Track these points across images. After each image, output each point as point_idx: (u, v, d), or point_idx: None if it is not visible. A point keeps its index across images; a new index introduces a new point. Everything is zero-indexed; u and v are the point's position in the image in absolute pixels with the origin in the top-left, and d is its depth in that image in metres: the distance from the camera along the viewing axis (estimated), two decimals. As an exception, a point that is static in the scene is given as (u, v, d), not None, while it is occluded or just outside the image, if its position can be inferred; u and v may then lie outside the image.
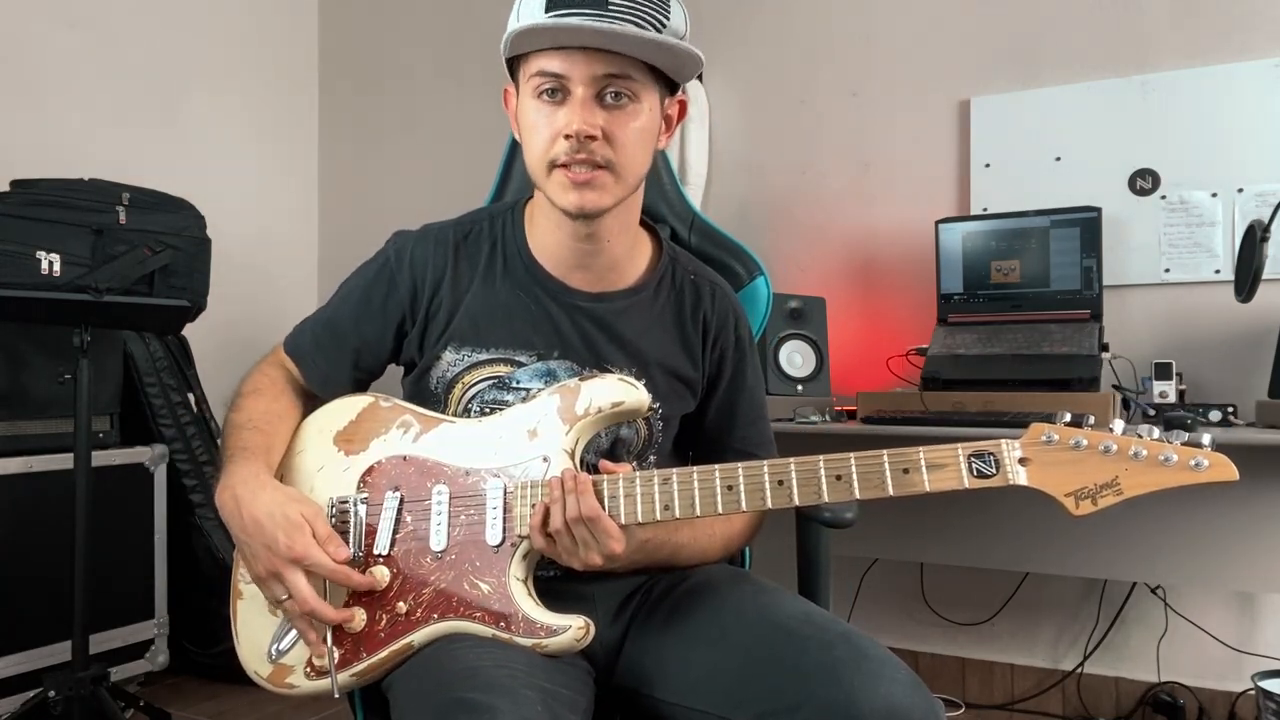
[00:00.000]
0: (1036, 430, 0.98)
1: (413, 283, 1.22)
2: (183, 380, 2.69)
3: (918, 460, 0.99)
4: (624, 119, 1.10)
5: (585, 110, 1.08)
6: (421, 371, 1.23)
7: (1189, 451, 0.95)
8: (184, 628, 2.62)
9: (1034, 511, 2.32)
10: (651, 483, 1.05)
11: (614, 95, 1.09)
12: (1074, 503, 0.97)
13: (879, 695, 0.95)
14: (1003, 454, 0.98)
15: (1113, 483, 0.96)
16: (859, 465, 1.01)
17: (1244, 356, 2.26)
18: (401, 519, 1.11)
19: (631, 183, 1.14)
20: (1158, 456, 0.95)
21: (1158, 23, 2.40)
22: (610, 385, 1.11)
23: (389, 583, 1.09)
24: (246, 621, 1.15)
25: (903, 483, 0.99)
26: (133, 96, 2.97)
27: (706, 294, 1.27)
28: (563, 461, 1.09)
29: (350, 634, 1.08)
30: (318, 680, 1.09)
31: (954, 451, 0.99)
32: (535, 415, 1.12)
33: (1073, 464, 0.97)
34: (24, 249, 2.29)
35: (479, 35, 3.23)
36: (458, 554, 1.08)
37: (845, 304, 2.66)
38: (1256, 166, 2.28)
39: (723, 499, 1.04)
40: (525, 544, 1.07)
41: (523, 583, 1.07)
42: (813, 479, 1.02)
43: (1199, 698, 2.32)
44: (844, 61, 2.74)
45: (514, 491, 1.09)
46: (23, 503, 2.25)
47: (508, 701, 0.92)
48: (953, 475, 0.98)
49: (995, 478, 0.98)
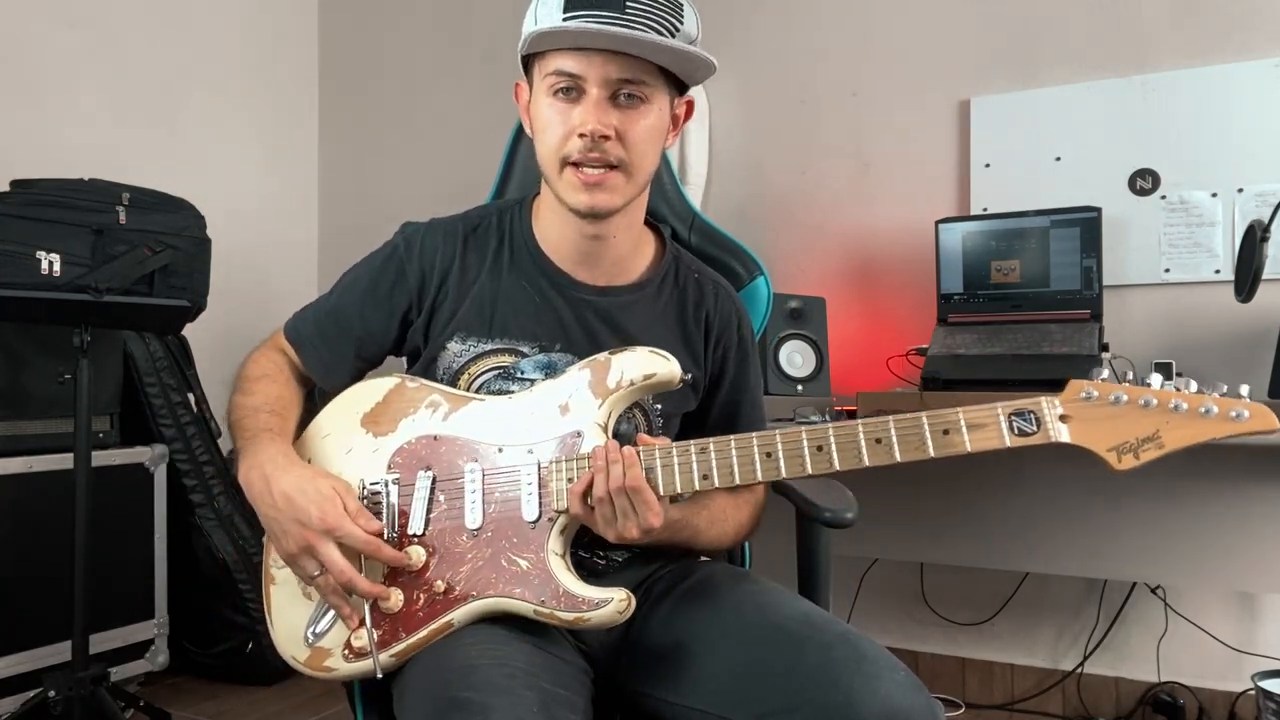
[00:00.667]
0: (1075, 387, 0.98)
1: (421, 272, 1.23)
2: (183, 380, 2.69)
3: (957, 421, 0.98)
4: (636, 118, 1.12)
5: (600, 110, 1.10)
6: (427, 361, 1.23)
7: (1229, 402, 0.94)
8: (184, 628, 2.62)
9: (1034, 512, 2.33)
10: (689, 452, 1.05)
11: (627, 96, 1.11)
12: (1116, 457, 0.96)
13: (878, 696, 0.95)
14: (1043, 411, 0.97)
15: (1154, 436, 0.95)
16: (898, 428, 1.00)
17: (1244, 356, 2.26)
18: (435, 499, 1.11)
19: (641, 182, 1.17)
20: (1199, 408, 0.94)
21: (1158, 23, 2.40)
22: (641, 357, 1.11)
23: (425, 562, 1.08)
24: (281, 607, 1.14)
25: (943, 444, 0.98)
26: (133, 96, 2.97)
27: (710, 293, 1.28)
28: (596, 434, 1.09)
29: (388, 615, 1.08)
30: (357, 662, 1.08)
31: (993, 411, 0.98)
32: (566, 390, 1.13)
33: (1113, 419, 0.96)
34: (24, 249, 2.29)
35: (479, 35, 3.23)
36: (494, 531, 1.08)
37: (845, 304, 2.66)
38: (1256, 166, 2.28)
39: (762, 466, 1.03)
40: (562, 519, 1.07)
41: (561, 558, 1.07)
42: (852, 443, 1.01)
43: (1199, 698, 2.32)
44: (844, 61, 2.74)
45: (548, 466, 1.09)
46: (23, 503, 2.25)
47: (503, 701, 0.92)
48: (993, 434, 0.98)
49: (1037, 435, 0.97)
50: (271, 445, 1.13)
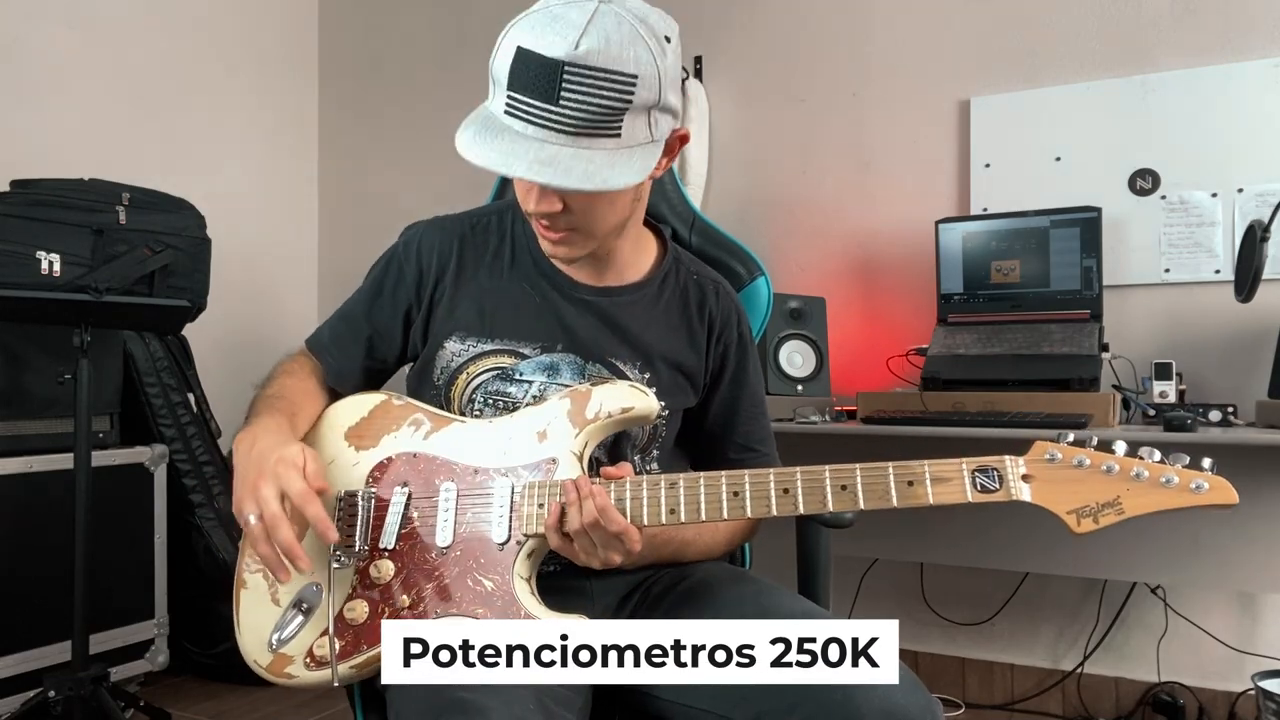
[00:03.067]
0: (1040, 448, 1.00)
1: (418, 269, 1.24)
2: (183, 380, 2.69)
3: (922, 473, 1.00)
4: (584, 201, 1.07)
5: (536, 194, 1.06)
6: (425, 363, 1.24)
7: (1190, 474, 0.96)
8: (184, 628, 2.62)
9: (1034, 512, 2.32)
10: (659, 486, 1.06)
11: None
12: (1076, 520, 0.98)
13: (877, 695, 0.95)
14: (1006, 470, 0.99)
15: (1114, 502, 0.97)
16: (864, 476, 1.01)
17: (1244, 356, 2.26)
18: (408, 515, 1.12)
19: (605, 235, 1.14)
20: (1159, 478, 0.96)
21: (1158, 23, 2.40)
22: (621, 391, 1.12)
23: (392, 576, 1.09)
24: (248, 610, 1.15)
25: (907, 495, 1.00)
26: (133, 96, 2.97)
27: (710, 291, 1.28)
28: (570, 463, 1.10)
29: (353, 625, 1.08)
30: (317, 671, 1.08)
31: (958, 466, 1.00)
32: (545, 417, 1.13)
33: (1075, 482, 0.98)
34: (24, 249, 2.29)
35: (479, 35, 3.23)
36: (463, 550, 1.09)
37: (845, 304, 2.66)
38: (1256, 166, 2.28)
39: (728, 505, 1.04)
40: (530, 543, 1.08)
41: (526, 581, 1.07)
42: (818, 488, 1.02)
43: (1199, 698, 2.32)
44: (844, 61, 2.74)
45: (521, 491, 1.09)
46: (23, 503, 2.26)
47: (500, 700, 0.93)
48: (956, 489, 0.99)
49: (999, 493, 0.99)
50: (270, 419, 1.13)
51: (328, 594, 1.10)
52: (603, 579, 1.19)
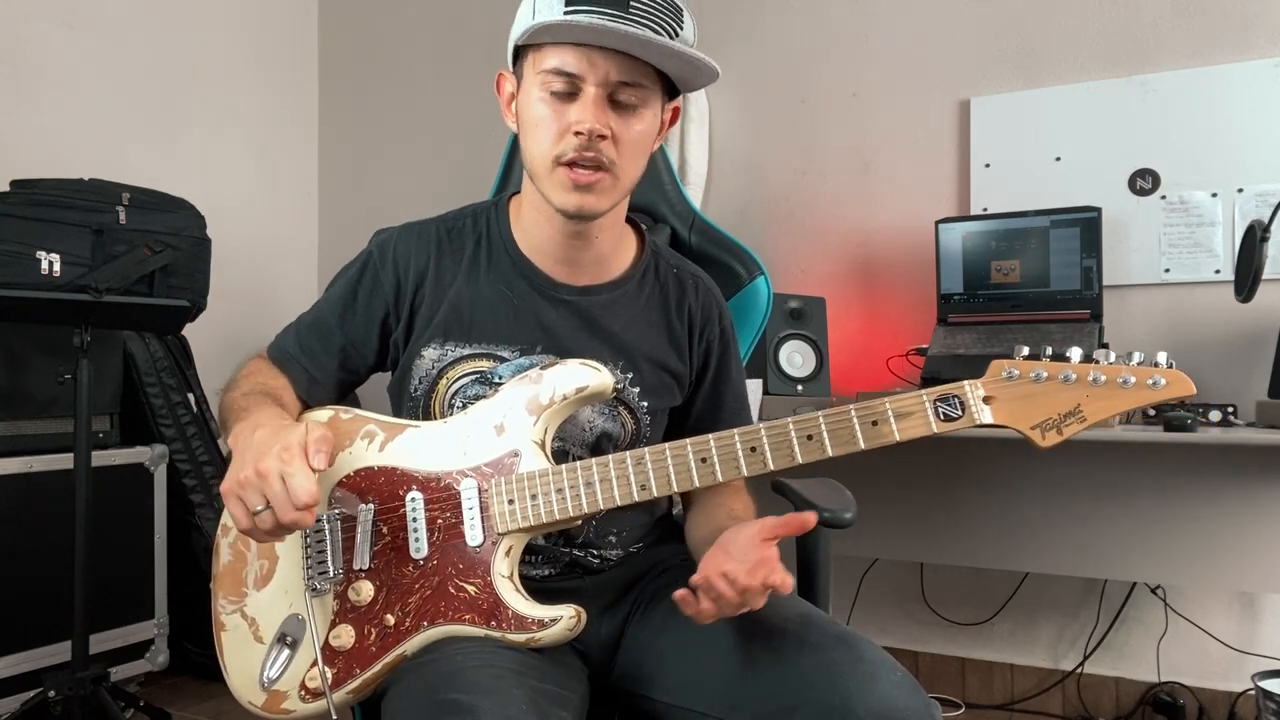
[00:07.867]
0: (997, 367, 0.99)
1: (396, 278, 1.21)
2: (183, 380, 2.69)
3: (885, 411, 0.99)
4: (631, 122, 1.10)
5: (598, 109, 1.08)
6: (404, 372, 1.21)
7: (1146, 371, 0.96)
8: (184, 628, 2.61)
9: (1034, 512, 2.33)
10: (625, 464, 1.05)
11: (624, 99, 1.09)
12: (1040, 434, 0.98)
13: (875, 697, 0.95)
14: (966, 394, 0.98)
15: (1075, 410, 0.97)
16: (828, 423, 1.01)
17: (1244, 356, 2.26)
18: (378, 531, 1.10)
19: (628, 186, 1.16)
20: (1116, 379, 0.96)
21: (1158, 23, 2.40)
22: (572, 370, 1.11)
23: (374, 596, 1.08)
24: (232, 652, 1.14)
25: (873, 435, 0.99)
26: (133, 96, 2.97)
27: (690, 287, 1.27)
28: (533, 453, 1.09)
29: (341, 652, 1.07)
30: (314, 702, 1.08)
31: (919, 398, 0.99)
32: (501, 410, 1.11)
33: (1035, 396, 0.98)
34: (24, 249, 2.29)
35: (479, 35, 3.23)
36: (440, 559, 1.07)
37: (845, 304, 2.66)
38: (1256, 166, 2.28)
39: (698, 472, 1.04)
40: (507, 540, 1.07)
41: (508, 579, 1.06)
42: (784, 441, 1.02)
43: (1199, 698, 2.32)
44: (844, 61, 2.74)
45: (489, 489, 1.08)
46: (23, 503, 2.25)
47: (492, 700, 0.92)
48: (920, 422, 0.99)
49: (962, 419, 0.99)
50: (268, 409, 1.10)
51: (310, 624, 1.08)
52: (596, 577, 1.19)
